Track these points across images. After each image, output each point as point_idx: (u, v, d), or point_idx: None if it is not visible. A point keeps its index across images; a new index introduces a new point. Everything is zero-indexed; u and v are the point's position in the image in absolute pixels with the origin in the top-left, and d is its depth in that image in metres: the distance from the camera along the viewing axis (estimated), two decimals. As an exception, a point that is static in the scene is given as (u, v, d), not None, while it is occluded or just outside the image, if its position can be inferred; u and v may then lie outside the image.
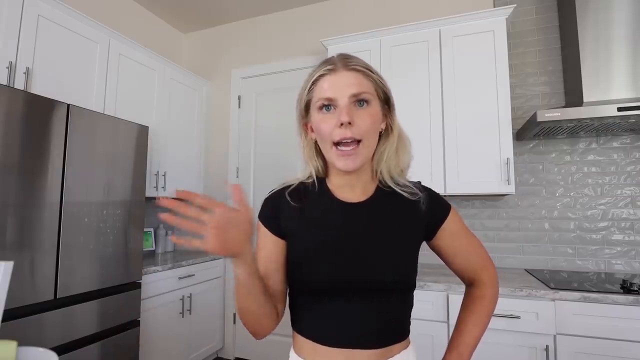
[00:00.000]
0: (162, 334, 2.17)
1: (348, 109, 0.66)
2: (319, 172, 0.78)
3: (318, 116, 0.70)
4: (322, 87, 0.69)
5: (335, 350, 0.68)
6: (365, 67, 0.70)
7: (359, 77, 0.68)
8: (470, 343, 0.77)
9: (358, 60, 0.70)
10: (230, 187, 0.57)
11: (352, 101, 0.67)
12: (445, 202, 0.80)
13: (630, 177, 1.96)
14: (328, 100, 0.68)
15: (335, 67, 0.68)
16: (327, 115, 0.68)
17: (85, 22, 2.01)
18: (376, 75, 0.71)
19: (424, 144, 2.06)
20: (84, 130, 1.71)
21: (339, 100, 0.67)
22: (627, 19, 1.77)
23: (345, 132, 0.65)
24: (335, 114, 0.67)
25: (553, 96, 2.13)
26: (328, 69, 0.69)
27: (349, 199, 0.75)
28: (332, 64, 0.69)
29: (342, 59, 0.70)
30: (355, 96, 0.67)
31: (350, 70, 0.68)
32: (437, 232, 0.77)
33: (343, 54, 0.72)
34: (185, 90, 2.83)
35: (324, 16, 2.75)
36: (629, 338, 1.42)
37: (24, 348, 0.68)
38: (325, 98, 0.68)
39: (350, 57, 0.71)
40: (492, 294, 0.80)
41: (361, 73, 0.69)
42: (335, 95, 0.67)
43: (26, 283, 1.46)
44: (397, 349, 0.71)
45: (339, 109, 0.67)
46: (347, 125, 0.65)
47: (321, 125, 0.69)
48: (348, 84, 0.67)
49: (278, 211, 0.75)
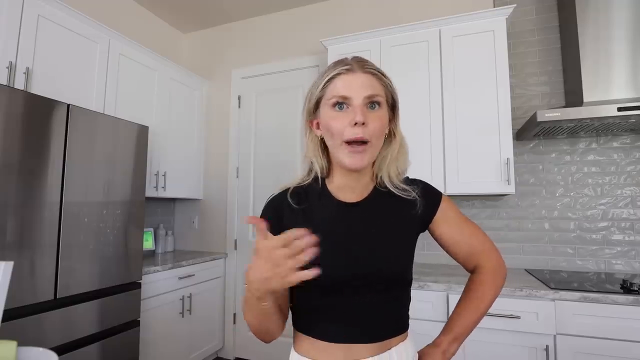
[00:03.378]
0: (162, 334, 2.17)
1: (362, 110, 0.68)
2: (323, 171, 0.79)
3: (330, 113, 0.71)
4: (337, 85, 0.70)
5: (335, 346, 0.69)
6: (379, 71, 0.73)
7: (373, 80, 0.71)
8: (466, 327, 0.79)
9: (373, 65, 0.73)
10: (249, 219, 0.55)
11: (366, 102, 0.69)
12: (437, 191, 0.81)
13: (630, 177, 1.96)
14: (343, 99, 0.69)
15: (352, 67, 0.71)
16: (340, 113, 0.70)
17: (85, 22, 2.01)
18: (388, 80, 0.74)
19: (424, 144, 2.06)
20: (84, 130, 1.71)
21: (354, 99, 0.69)
22: (627, 19, 1.77)
23: (357, 132, 0.67)
24: (349, 112, 0.69)
25: (553, 96, 2.13)
26: (345, 68, 0.71)
27: (347, 199, 0.77)
28: (348, 65, 0.71)
29: (359, 61, 0.72)
30: (369, 98, 0.69)
31: (366, 72, 0.71)
32: (431, 221, 0.79)
33: (358, 57, 0.74)
34: (185, 90, 2.83)
35: (323, 16, 2.75)
36: (629, 338, 1.42)
37: (24, 348, 0.68)
38: (340, 96, 0.69)
39: (366, 61, 0.73)
40: (493, 280, 0.80)
41: (375, 77, 0.71)
42: (350, 95, 0.69)
43: (26, 283, 1.46)
44: (395, 342, 0.73)
45: (352, 108, 0.69)
46: (360, 125, 0.67)
47: (332, 123, 0.70)
48: (363, 85, 0.69)
49: (280, 214, 0.77)
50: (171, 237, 2.88)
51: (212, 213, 2.97)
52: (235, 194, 2.90)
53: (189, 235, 3.04)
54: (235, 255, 2.84)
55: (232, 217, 2.88)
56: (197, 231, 3.01)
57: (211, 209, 2.98)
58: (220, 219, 2.93)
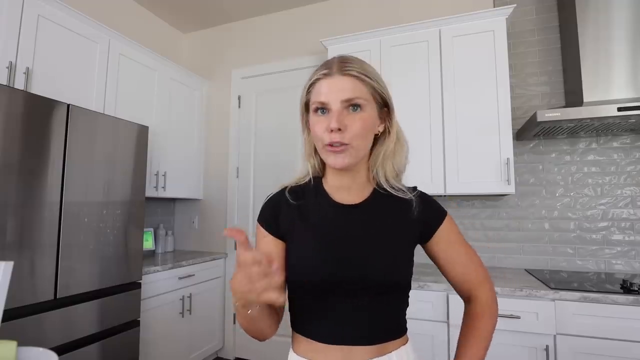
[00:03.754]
0: (162, 334, 2.17)
1: (339, 115, 0.68)
2: (316, 170, 0.80)
3: (313, 118, 0.72)
4: (318, 90, 0.70)
5: (333, 348, 0.69)
6: (361, 72, 0.70)
7: (354, 82, 0.69)
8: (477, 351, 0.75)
9: (355, 65, 0.70)
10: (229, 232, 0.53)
11: (345, 106, 0.68)
12: (442, 209, 0.80)
13: (630, 177, 1.96)
14: (321, 104, 0.70)
15: (331, 71, 0.70)
16: (321, 118, 0.70)
17: (85, 22, 2.01)
18: (373, 80, 0.71)
19: (424, 144, 2.05)
20: (84, 130, 1.71)
21: (332, 104, 0.68)
22: (627, 19, 1.77)
23: (335, 137, 0.68)
24: (328, 117, 0.69)
25: (553, 96, 2.13)
26: (323, 73, 0.70)
27: (345, 200, 0.77)
28: (328, 68, 0.70)
29: (339, 63, 0.70)
30: (347, 101, 0.68)
31: (345, 75, 0.69)
32: (432, 236, 0.78)
33: (342, 57, 0.73)
34: (185, 90, 2.83)
35: (324, 16, 2.75)
36: (629, 338, 1.42)
37: (24, 348, 0.68)
38: (319, 102, 0.70)
39: (348, 61, 0.71)
40: (490, 312, 0.78)
41: (356, 78, 0.69)
42: (328, 100, 0.69)
43: (26, 283, 1.46)
44: (395, 346, 0.72)
45: (331, 113, 0.69)
46: (337, 131, 0.67)
47: (315, 127, 0.71)
48: (341, 89, 0.68)
49: (277, 213, 0.77)
50: (171, 237, 2.88)
51: (212, 213, 2.97)
52: (235, 194, 2.90)
53: (189, 235, 3.04)
54: (235, 255, 2.83)
55: (232, 217, 2.88)
56: (197, 231, 3.01)
57: (211, 209, 2.98)
58: (220, 219, 2.93)
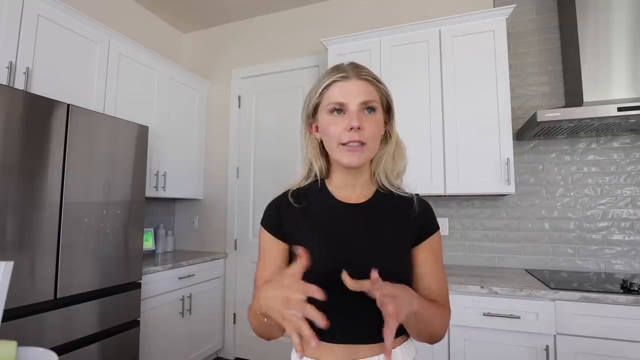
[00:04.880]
0: (162, 334, 2.17)
1: (358, 115, 0.72)
2: (322, 172, 0.83)
3: (328, 118, 0.75)
4: (334, 92, 0.74)
5: (337, 346, 0.71)
6: (374, 77, 0.76)
7: (369, 87, 0.74)
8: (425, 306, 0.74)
9: (368, 71, 0.77)
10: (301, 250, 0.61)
11: (361, 108, 0.73)
12: (436, 221, 0.83)
13: (630, 177, 1.96)
14: (339, 105, 0.73)
15: (348, 75, 0.74)
16: (337, 118, 0.73)
17: (85, 22, 2.01)
18: (383, 85, 0.77)
19: (424, 144, 2.05)
20: (84, 130, 1.71)
21: (350, 106, 0.72)
22: (627, 19, 1.77)
23: (354, 136, 0.71)
24: (345, 118, 0.73)
25: (553, 96, 2.13)
26: (341, 75, 0.74)
27: (349, 199, 0.80)
28: (344, 72, 0.75)
29: (354, 68, 0.76)
30: (364, 104, 0.73)
31: (362, 79, 0.74)
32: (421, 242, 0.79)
33: (354, 63, 0.78)
34: (185, 90, 2.83)
35: (324, 16, 2.75)
36: (629, 338, 1.42)
37: (24, 348, 0.68)
38: (336, 102, 0.73)
39: (361, 67, 0.77)
40: (443, 313, 0.77)
41: (370, 83, 0.75)
42: (346, 101, 0.73)
43: (26, 283, 1.46)
44: (398, 342, 0.74)
45: (349, 113, 0.72)
46: (356, 130, 0.71)
47: (330, 127, 0.74)
48: (359, 92, 0.73)
49: (280, 216, 0.80)
50: (171, 237, 2.88)
51: (212, 213, 2.97)
52: (235, 194, 2.89)
53: (189, 235, 3.04)
54: (235, 255, 2.84)
55: (232, 217, 2.88)
56: (197, 231, 3.01)
57: (211, 209, 2.98)
58: (220, 219, 2.93)
